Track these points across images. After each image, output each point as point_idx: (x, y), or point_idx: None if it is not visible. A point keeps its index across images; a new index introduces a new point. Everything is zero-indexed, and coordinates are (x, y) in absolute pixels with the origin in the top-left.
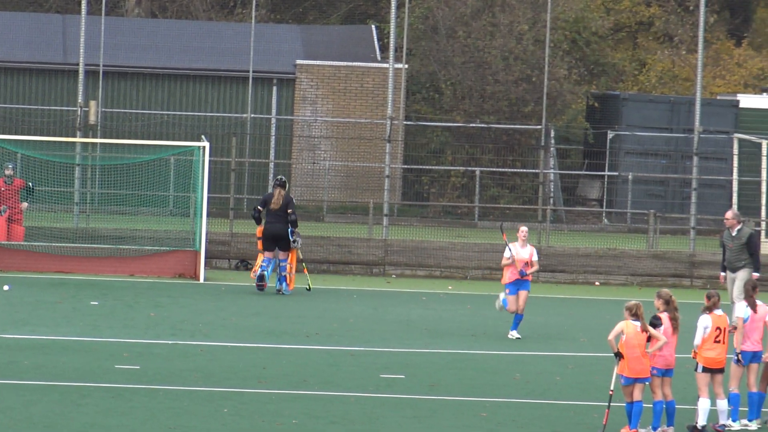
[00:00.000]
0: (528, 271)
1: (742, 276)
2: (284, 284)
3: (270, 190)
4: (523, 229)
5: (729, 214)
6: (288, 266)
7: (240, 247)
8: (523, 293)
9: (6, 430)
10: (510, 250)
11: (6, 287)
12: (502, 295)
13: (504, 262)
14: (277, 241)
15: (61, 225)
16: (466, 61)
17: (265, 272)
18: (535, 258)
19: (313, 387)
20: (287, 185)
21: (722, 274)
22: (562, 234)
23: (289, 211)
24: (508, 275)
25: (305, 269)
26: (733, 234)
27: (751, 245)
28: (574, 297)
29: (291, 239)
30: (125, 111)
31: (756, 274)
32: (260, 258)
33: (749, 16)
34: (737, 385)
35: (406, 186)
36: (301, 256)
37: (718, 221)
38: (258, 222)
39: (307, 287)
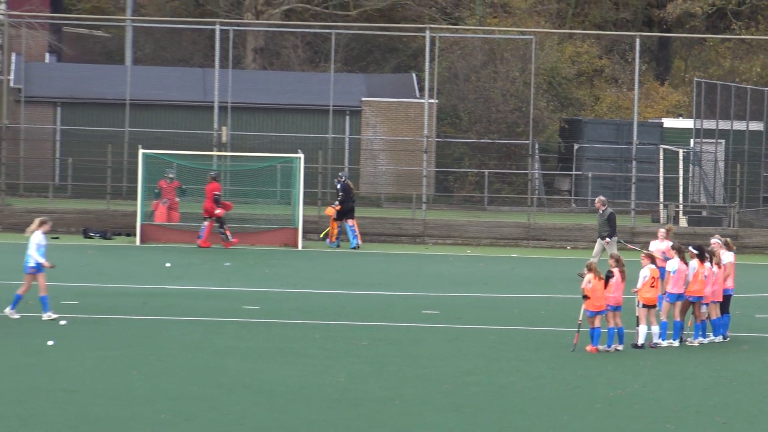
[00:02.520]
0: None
1: (606, 242)
2: (356, 240)
3: (338, 185)
4: (661, 230)
5: (597, 201)
6: (356, 227)
7: (325, 225)
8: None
9: (170, 352)
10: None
11: (168, 264)
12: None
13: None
14: (351, 213)
15: None
16: (477, 97)
17: (350, 239)
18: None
19: (376, 319)
20: None
21: (599, 239)
22: (544, 215)
23: (353, 194)
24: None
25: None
26: (600, 213)
27: (611, 220)
28: (553, 257)
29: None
30: (246, 133)
31: (608, 239)
32: (334, 228)
33: (669, 65)
34: (665, 316)
35: (437, 183)
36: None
37: (650, 205)
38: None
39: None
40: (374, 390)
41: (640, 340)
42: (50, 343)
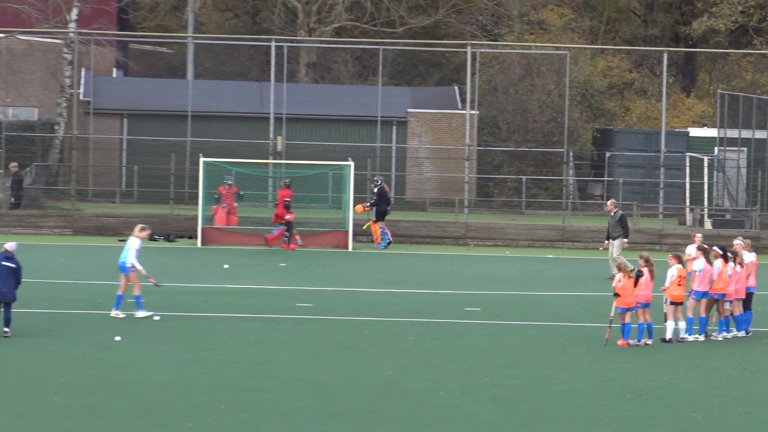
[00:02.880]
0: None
1: (617, 243)
2: (387, 237)
3: (375, 189)
4: (697, 235)
5: (609, 203)
6: (386, 228)
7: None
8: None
9: (228, 347)
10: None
11: (226, 266)
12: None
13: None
14: (383, 216)
15: (261, 215)
16: (515, 108)
17: (383, 240)
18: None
19: (421, 316)
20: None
21: (606, 242)
22: (578, 218)
23: (389, 197)
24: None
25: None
26: (612, 215)
27: (623, 222)
28: (587, 257)
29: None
30: (300, 143)
31: (625, 240)
32: (375, 229)
33: (694, 78)
34: (692, 313)
35: (478, 188)
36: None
37: (676, 208)
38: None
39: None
40: (420, 382)
41: (668, 335)
42: (118, 338)
